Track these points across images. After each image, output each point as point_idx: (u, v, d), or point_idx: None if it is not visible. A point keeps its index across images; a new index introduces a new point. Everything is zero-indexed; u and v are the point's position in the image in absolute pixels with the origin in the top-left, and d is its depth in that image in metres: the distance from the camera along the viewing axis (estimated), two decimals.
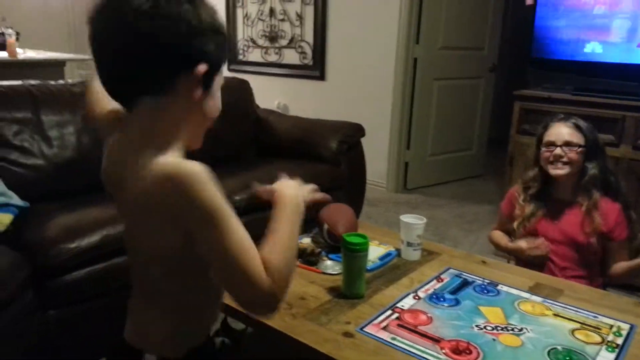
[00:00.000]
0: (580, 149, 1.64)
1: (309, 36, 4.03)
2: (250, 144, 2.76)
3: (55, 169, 2.06)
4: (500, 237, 1.84)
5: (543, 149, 1.69)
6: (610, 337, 1.21)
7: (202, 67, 0.79)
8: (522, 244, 1.72)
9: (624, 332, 1.24)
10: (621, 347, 1.18)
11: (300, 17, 4.05)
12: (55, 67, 3.90)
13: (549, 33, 2.57)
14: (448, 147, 4.09)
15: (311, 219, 1.80)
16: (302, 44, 4.07)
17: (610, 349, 1.17)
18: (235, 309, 1.31)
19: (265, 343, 1.73)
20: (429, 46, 3.69)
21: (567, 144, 1.65)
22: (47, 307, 1.60)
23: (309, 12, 3.99)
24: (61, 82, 2.25)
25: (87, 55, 5.43)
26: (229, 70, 4.60)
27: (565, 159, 1.64)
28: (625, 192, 1.73)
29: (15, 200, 1.78)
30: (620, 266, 1.64)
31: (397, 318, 1.27)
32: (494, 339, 1.19)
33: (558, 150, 1.65)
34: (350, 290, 1.37)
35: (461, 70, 3.96)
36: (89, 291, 1.67)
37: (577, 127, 1.67)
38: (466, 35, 3.90)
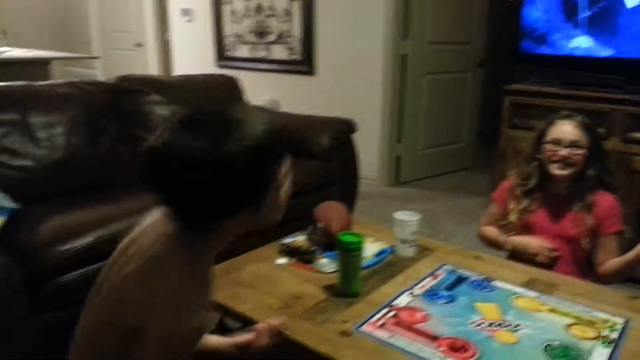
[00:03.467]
0: (585, 152, 1.62)
1: (297, 31, 4.01)
2: None
3: (44, 170, 2.03)
4: (495, 234, 1.80)
5: (548, 146, 1.66)
6: (605, 332, 1.22)
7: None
8: (533, 242, 1.68)
9: (619, 327, 1.25)
10: (616, 342, 1.19)
11: (288, 12, 4.03)
12: (41, 66, 3.85)
13: (535, 28, 2.57)
14: (439, 141, 4.10)
15: (305, 217, 1.81)
16: (291, 39, 4.05)
17: (605, 344, 1.18)
18: (231, 308, 1.31)
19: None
20: (418, 41, 3.69)
21: (574, 143, 1.62)
22: (42, 310, 1.59)
23: (297, 8, 3.97)
24: (47, 82, 2.21)
25: (72, 54, 5.38)
26: (216, 66, 4.58)
27: (570, 161, 1.63)
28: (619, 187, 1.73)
29: (6, 202, 1.75)
30: (612, 262, 1.62)
31: (394, 316, 1.27)
32: (490, 336, 1.19)
33: (564, 152, 1.62)
34: (346, 289, 1.37)
35: (449, 65, 3.97)
36: (83, 293, 1.65)
37: (584, 127, 1.64)
38: (453, 29, 3.91)
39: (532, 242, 1.69)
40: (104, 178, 2.15)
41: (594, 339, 1.20)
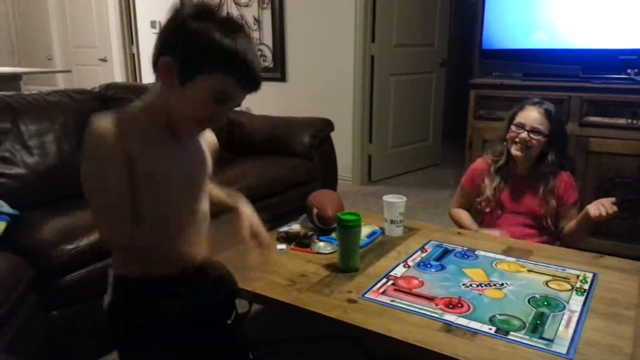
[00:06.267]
0: (543, 138, 1.80)
1: (268, 39, 4.12)
2: (224, 144, 2.83)
3: (37, 177, 2.07)
4: (468, 222, 1.97)
5: (513, 127, 1.84)
6: (578, 284, 1.39)
7: (165, 59, 0.94)
8: (496, 234, 1.84)
9: (589, 279, 1.42)
10: (588, 291, 1.36)
11: (258, 20, 4.15)
12: (11, 82, 3.83)
13: (497, 25, 2.78)
14: (407, 139, 4.28)
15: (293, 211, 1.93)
16: (262, 47, 4.17)
17: (579, 293, 1.34)
18: (243, 289, 1.41)
19: (268, 324, 1.83)
20: (384, 44, 3.87)
21: (534, 129, 1.79)
22: (50, 308, 1.64)
23: (267, 16, 4.09)
24: (36, 92, 2.26)
25: (37, 69, 5.33)
26: None
27: (528, 144, 1.80)
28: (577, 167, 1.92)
29: (6, 208, 1.80)
30: (569, 225, 1.81)
31: (393, 284, 1.40)
32: (480, 294, 1.34)
33: (524, 135, 1.80)
34: (346, 265, 1.49)
35: (414, 66, 4.16)
36: (89, 290, 1.70)
37: (547, 115, 1.81)
38: (417, 32, 4.11)
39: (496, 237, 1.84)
40: None
41: (569, 290, 1.36)
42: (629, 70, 2.41)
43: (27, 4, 6.17)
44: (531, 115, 1.82)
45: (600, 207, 1.62)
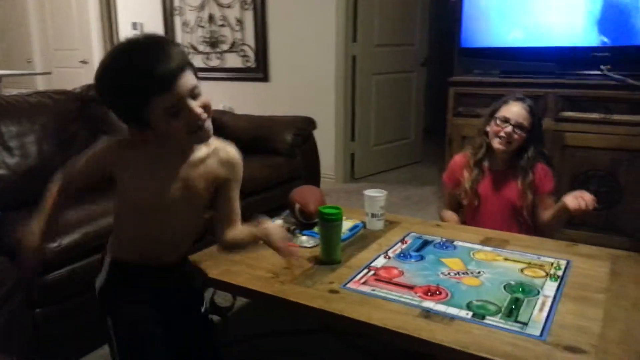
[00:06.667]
0: (525, 134, 1.85)
1: (250, 40, 4.15)
2: None
3: (18, 178, 2.06)
4: (453, 221, 2.01)
5: (497, 122, 1.88)
6: (552, 271, 1.44)
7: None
8: None
9: (563, 266, 1.47)
10: (561, 277, 1.41)
11: (240, 21, 4.17)
12: None
13: (475, 24, 2.84)
14: (389, 137, 4.34)
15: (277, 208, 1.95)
16: (244, 47, 4.19)
17: (553, 279, 1.39)
18: (223, 283, 1.44)
19: (251, 319, 1.85)
20: (366, 44, 3.92)
21: (519, 125, 1.84)
22: (34, 306, 1.64)
23: (249, 17, 4.11)
24: (16, 93, 2.26)
25: (19, 71, 5.28)
26: None
27: (511, 139, 1.85)
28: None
29: None
30: (546, 214, 1.87)
31: (374, 274, 1.44)
32: (458, 282, 1.38)
33: (509, 129, 1.84)
34: (328, 257, 1.52)
35: (396, 65, 4.22)
36: (72, 288, 1.72)
37: (530, 111, 1.87)
38: (398, 32, 4.17)
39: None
40: None
41: (544, 277, 1.41)
42: (602, 67, 2.47)
43: (5, 6, 6.10)
44: (516, 111, 1.87)
45: (580, 201, 1.67)
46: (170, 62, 1.04)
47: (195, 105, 1.09)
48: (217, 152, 1.25)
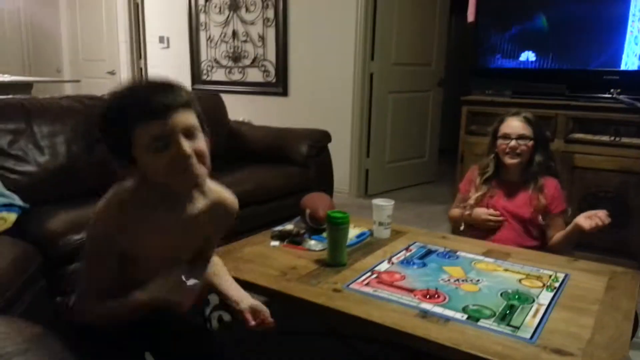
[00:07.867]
0: (530, 142, 1.94)
1: (271, 55, 4.28)
2: (225, 152, 2.96)
3: (47, 175, 2.19)
4: (457, 211, 2.10)
5: (500, 140, 1.97)
6: (550, 283, 1.49)
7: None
8: (482, 211, 1.99)
9: (560, 279, 1.52)
10: (558, 288, 1.45)
11: (262, 38, 4.31)
12: (21, 91, 3.98)
13: (489, 45, 2.92)
14: (404, 155, 4.40)
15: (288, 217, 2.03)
16: (265, 63, 4.32)
17: (549, 290, 1.44)
18: (237, 278, 1.51)
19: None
20: (383, 62, 4.01)
21: (521, 136, 1.93)
22: (55, 294, 1.74)
23: (271, 34, 4.26)
24: (51, 96, 2.39)
25: (48, 78, 5.50)
26: (194, 89, 4.79)
27: (518, 151, 1.93)
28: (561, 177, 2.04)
29: (17, 201, 1.91)
30: (557, 235, 1.92)
31: (376, 277, 1.50)
32: (456, 288, 1.44)
33: (513, 143, 1.93)
34: (334, 259, 1.59)
35: (412, 84, 4.30)
36: None
37: (527, 121, 1.96)
38: (415, 52, 4.26)
39: (480, 211, 1.99)
40: (101, 184, 2.31)
41: (540, 287, 1.46)
42: (612, 90, 2.53)
43: (39, 16, 6.36)
44: (514, 125, 1.96)
45: (594, 219, 1.73)
46: (171, 95, 1.02)
47: (186, 144, 1.02)
48: (217, 204, 1.22)
